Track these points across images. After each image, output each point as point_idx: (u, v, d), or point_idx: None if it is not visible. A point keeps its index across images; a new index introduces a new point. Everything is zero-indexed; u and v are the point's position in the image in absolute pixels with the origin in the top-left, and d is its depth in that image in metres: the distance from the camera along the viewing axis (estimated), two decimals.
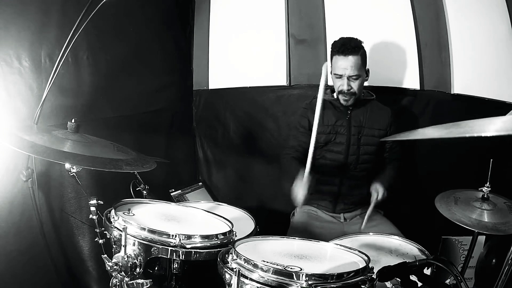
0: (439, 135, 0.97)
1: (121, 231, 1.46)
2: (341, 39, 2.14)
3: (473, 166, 2.16)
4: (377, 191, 2.08)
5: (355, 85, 2.11)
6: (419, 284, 1.36)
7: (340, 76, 2.10)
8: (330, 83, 2.36)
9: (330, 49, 2.17)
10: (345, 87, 2.10)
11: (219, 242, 1.53)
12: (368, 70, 2.19)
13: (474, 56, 2.55)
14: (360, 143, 2.19)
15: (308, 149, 2.03)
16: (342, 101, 2.16)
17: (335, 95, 2.23)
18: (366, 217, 2.09)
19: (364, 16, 2.64)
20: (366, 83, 2.22)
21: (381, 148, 2.26)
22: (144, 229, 1.49)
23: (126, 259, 1.43)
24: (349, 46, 2.07)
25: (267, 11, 2.83)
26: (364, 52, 2.13)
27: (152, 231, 1.48)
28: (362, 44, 2.12)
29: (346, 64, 2.07)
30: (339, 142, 2.18)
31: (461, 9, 2.55)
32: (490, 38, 2.52)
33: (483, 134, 0.87)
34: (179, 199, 2.75)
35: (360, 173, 2.22)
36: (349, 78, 2.09)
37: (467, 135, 0.89)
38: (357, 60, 2.08)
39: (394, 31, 2.60)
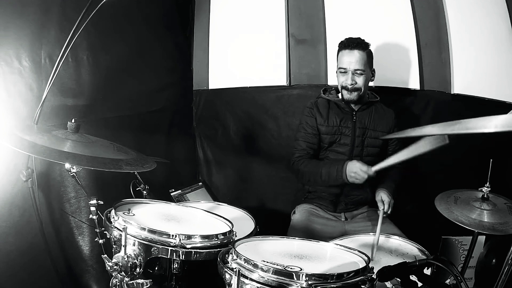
0: (440, 131, 0.97)
1: (121, 231, 1.46)
2: (348, 37, 2.13)
3: (473, 166, 2.16)
4: (383, 203, 2.05)
5: (359, 80, 2.08)
6: (419, 284, 1.36)
7: (345, 71, 2.09)
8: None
9: (337, 50, 2.16)
10: (348, 82, 2.07)
11: (219, 242, 1.52)
12: (374, 70, 2.19)
13: (474, 56, 2.55)
14: (364, 145, 2.19)
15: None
16: (345, 97, 2.13)
17: (339, 95, 2.21)
18: (377, 234, 1.85)
19: (364, 16, 2.64)
20: (371, 83, 2.22)
21: (383, 150, 2.26)
22: (144, 229, 1.48)
23: (126, 259, 1.43)
24: (355, 41, 2.08)
25: (267, 11, 2.83)
26: (371, 52, 2.13)
27: (152, 231, 1.48)
28: (369, 45, 2.12)
29: (351, 58, 2.06)
30: (343, 143, 2.17)
31: (461, 9, 2.55)
32: (490, 38, 2.53)
33: (483, 131, 0.87)
34: (179, 199, 2.74)
35: None
36: (353, 72, 2.07)
37: (468, 131, 0.89)
38: (363, 55, 2.07)
39: (394, 31, 2.60)
